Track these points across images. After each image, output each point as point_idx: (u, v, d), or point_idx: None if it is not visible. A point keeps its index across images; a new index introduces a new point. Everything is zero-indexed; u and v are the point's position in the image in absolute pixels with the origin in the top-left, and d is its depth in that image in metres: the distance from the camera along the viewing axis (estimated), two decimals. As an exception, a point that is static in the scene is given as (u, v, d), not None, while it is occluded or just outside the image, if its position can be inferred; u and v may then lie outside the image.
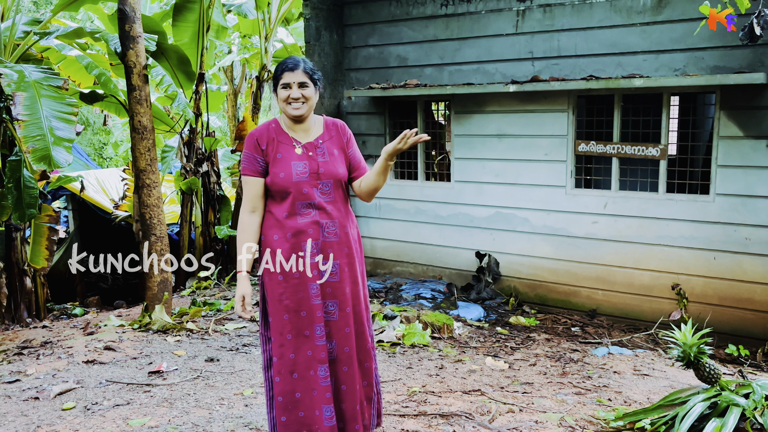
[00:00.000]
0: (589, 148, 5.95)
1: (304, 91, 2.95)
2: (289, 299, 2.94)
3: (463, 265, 6.81)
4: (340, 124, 3.14)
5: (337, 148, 3.06)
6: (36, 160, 5.03)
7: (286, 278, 2.95)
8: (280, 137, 3.01)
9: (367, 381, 3.06)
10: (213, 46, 10.09)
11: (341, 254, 3.00)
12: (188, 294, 7.18)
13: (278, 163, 2.96)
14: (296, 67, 2.96)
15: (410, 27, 6.90)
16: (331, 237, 2.98)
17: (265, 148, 2.99)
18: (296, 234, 2.94)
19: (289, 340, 2.92)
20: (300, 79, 2.95)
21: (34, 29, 6.53)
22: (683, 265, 5.64)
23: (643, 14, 5.63)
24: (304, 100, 2.95)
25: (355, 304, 3.04)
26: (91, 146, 19.92)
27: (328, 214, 2.98)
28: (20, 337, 5.81)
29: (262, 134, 3.02)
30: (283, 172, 2.93)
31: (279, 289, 2.96)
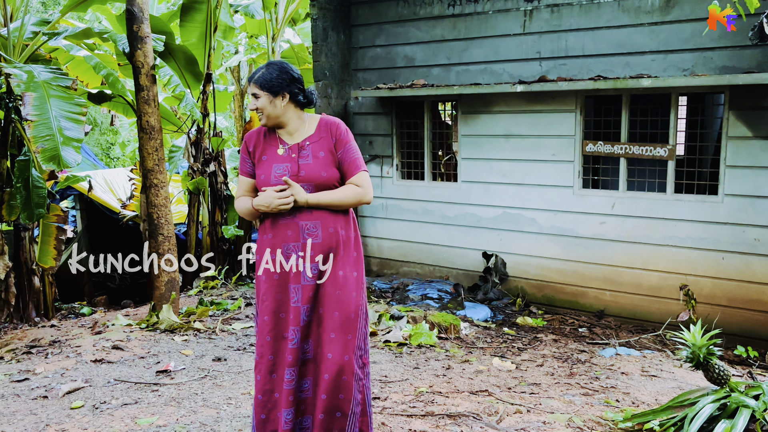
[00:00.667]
0: (596, 149, 5.94)
1: (257, 102, 2.95)
2: (270, 300, 2.94)
3: (470, 265, 6.81)
4: (333, 125, 3.04)
5: (325, 149, 2.98)
6: (45, 160, 5.05)
7: (267, 278, 2.95)
8: (269, 139, 3.03)
9: (344, 395, 2.88)
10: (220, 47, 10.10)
11: (325, 256, 2.93)
12: (195, 294, 7.20)
13: (262, 165, 2.99)
14: (251, 79, 2.98)
15: (417, 27, 6.90)
16: (313, 239, 2.92)
17: (252, 150, 3.04)
18: (276, 235, 2.93)
19: (269, 341, 2.92)
20: (253, 91, 2.96)
21: (42, 30, 6.56)
22: (691, 266, 5.62)
23: (652, 14, 5.61)
24: (260, 111, 2.96)
25: (332, 308, 2.90)
26: (99, 146, 19.99)
27: (309, 215, 2.92)
28: (29, 336, 5.83)
29: (252, 137, 3.08)
30: (264, 174, 2.95)
31: (261, 290, 2.98)
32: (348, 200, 2.98)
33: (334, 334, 2.89)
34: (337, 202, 2.96)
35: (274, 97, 2.95)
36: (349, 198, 2.99)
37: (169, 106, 9.44)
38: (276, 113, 2.97)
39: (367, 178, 3.04)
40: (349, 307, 2.93)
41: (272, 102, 2.96)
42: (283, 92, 2.97)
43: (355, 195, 3.00)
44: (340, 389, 2.87)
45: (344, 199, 2.98)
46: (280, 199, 2.88)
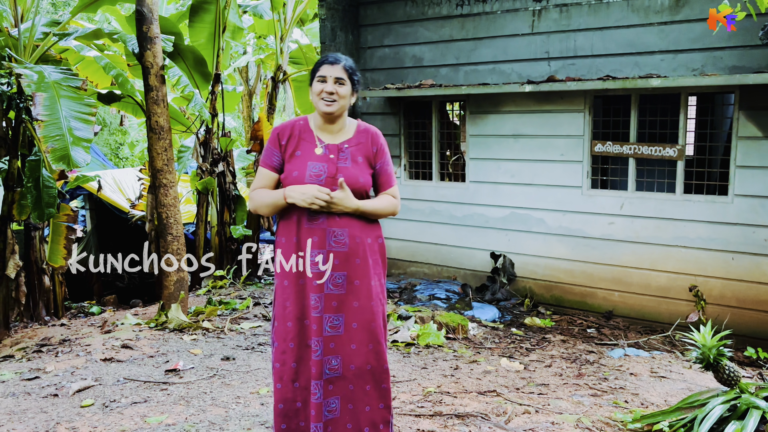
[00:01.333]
0: (605, 149, 5.92)
1: (340, 87, 2.80)
2: (294, 305, 2.81)
3: (478, 265, 6.80)
4: (373, 132, 2.96)
5: (363, 155, 2.89)
6: (55, 160, 5.08)
7: (291, 283, 2.81)
8: (304, 135, 2.88)
9: (384, 403, 2.86)
10: (229, 47, 10.14)
11: (350, 266, 2.81)
12: (204, 293, 7.22)
13: (295, 161, 2.83)
14: (336, 62, 2.83)
15: (426, 27, 6.89)
16: (339, 246, 2.80)
17: (285, 144, 2.87)
18: (300, 241, 2.80)
19: (292, 348, 2.79)
20: (337, 74, 2.80)
21: (53, 30, 6.60)
22: (701, 267, 5.59)
23: (661, 14, 5.59)
24: (337, 97, 2.79)
25: (368, 320, 2.82)
26: (108, 146, 20.10)
27: (339, 222, 2.80)
28: (39, 334, 5.87)
29: (285, 129, 2.90)
30: (297, 170, 2.80)
31: (284, 295, 2.84)
32: (386, 211, 2.94)
33: (371, 345, 2.82)
34: (379, 212, 2.90)
35: (353, 89, 2.87)
36: (387, 209, 2.94)
37: (178, 107, 9.49)
38: (345, 107, 2.87)
39: (398, 191, 3.03)
40: (376, 317, 2.85)
41: (353, 94, 2.89)
42: (357, 89, 2.92)
43: (392, 207, 2.96)
44: (381, 398, 2.86)
45: (384, 210, 2.93)
46: (320, 195, 2.71)
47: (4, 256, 6.31)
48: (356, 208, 2.80)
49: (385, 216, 2.94)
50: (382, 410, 2.86)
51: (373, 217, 2.89)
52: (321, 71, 2.82)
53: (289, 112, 21.82)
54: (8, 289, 6.38)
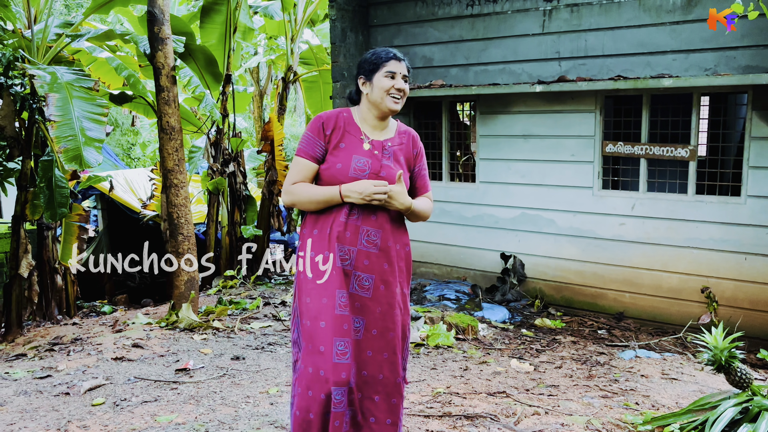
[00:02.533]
0: (616, 149, 5.89)
1: (406, 85, 2.74)
2: (313, 303, 2.65)
3: (488, 266, 6.78)
4: (414, 135, 2.89)
5: (404, 156, 2.82)
6: (68, 160, 5.12)
7: (315, 278, 2.67)
8: (348, 127, 2.75)
9: (391, 419, 2.70)
10: (239, 48, 10.18)
11: (378, 269, 2.69)
12: (214, 293, 7.25)
13: (340, 152, 2.70)
14: (403, 59, 2.74)
15: (436, 27, 6.89)
16: (370, 247, 2.69)
17: (329, 134, 2.73)
18: (332, 234, 2.67)
19: (310, 350, 2.63)
20: (405, 72, 2.73)
21: (65, 32, 6.65)
22: (713, 268, 5.55)
23: (673, 13, 5.55)
24: (404, 94, 2.73)
25: (387, 329, 2.70)
26: (120, 146, 20.23)
27: (374, 222, 2.69)
28: (51, 333, 5.92)
29: (330, 119, 2.76)
30: (341, 163, 2.68)
31: (308, 288, 2.68)
32: (427, 214, 2.87)
33: (386, 354, 2.69)
34: (423, 213, 2.83)
35: None
36: (428, 212, 2.88)
37: (189, 107, 9.53)
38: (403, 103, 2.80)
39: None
40: (396, 327, 2.73)
41: None
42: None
43: (430, 210, 2.89)
44: (390, 413, 2.71)
45: (426, 212, 2.86)
46: (378, 189, 2.60)
47: (17, 256, 6.37)
48: (409, 206, 2.72)
49: (424, 219, 2.88)
50: (389, 426, 2.71)
51: (418, 218, 2.82)
52: (390, 66, 2.70)
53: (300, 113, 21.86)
54: (21, 288, 6.44)
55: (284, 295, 6.94)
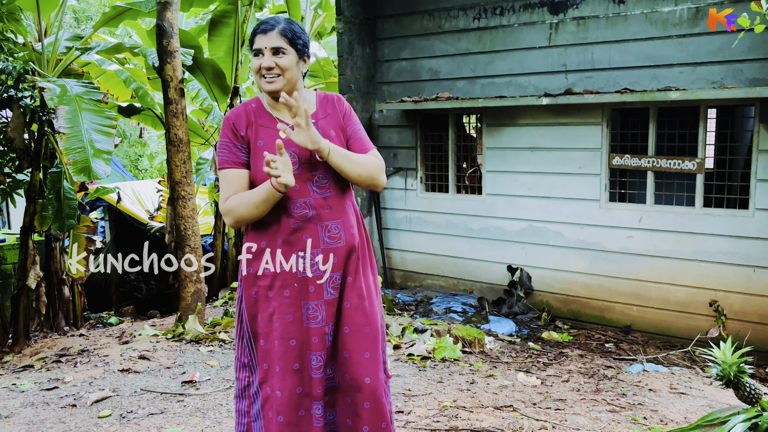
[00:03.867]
0: (623, 162, 5.88)
1: (279, 59, 2.30)
2: (279, 320, 2.36)
3: (495, 278, 6.76)
4: (337, 99, 2.51)
5: (334, 127, 2.44)
6: (76, 172, 5.15)
7: (277, 295, 2.37)
8: (260, 119, 2.38)
9: (385, 422, 2.43)
10: (247, 60, 10.24)
11: (348, 262, 2.41)
12: (221, 304, 7.26)
13: (259, 152, 2.33)
14: (270, 28, 2.31)
15: (442, 40, 6.92)
16: (335, 242, 2.38)
17: (245, 133, 2.36)
18: (288, 242, 2.35)
19: (278, 372, 2.35)
20: (274, 44, 2.30)
21: (75, 45, 6.72)
22: (721, 282, 5.52)
23: (680, 26, 5.56)
24: (279, 71, 2.31)
25: (360, 323, 2.42)
26: (128, 158, 20.34)
27: (329, 213, 2.37)
28: (58, 344, 5.93)
29: (240, 116, 2.39)
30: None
31: (269, 307, 2.38)
32: (366, 167, 2.37)
33: (368, 353, 2.42)
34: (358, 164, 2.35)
35: (299, 57, 2.36)
36: (368, 165, 2.38)
37: (197, 119, 9.60)
38: (295, 80, 2.36)
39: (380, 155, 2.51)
40: (376, 319, 2.47)
41: (301, 62, 2.38)
42: (306, 55, 2.41)
43: (374, 164, 2.41)
44: (380, 416, 2.43)
45: (362, 163, 2.36)
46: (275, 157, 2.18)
47: (26, 267, 6.40)
48: (328, 147, 2.27)
49: (365, 174, 2.38)
50: (384, 430, 2.45)
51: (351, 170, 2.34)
52: (255, 43, 2.33)
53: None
54: (29, 299, 6.46)
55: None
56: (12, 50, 6.10)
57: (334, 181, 2.40)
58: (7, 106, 6.23)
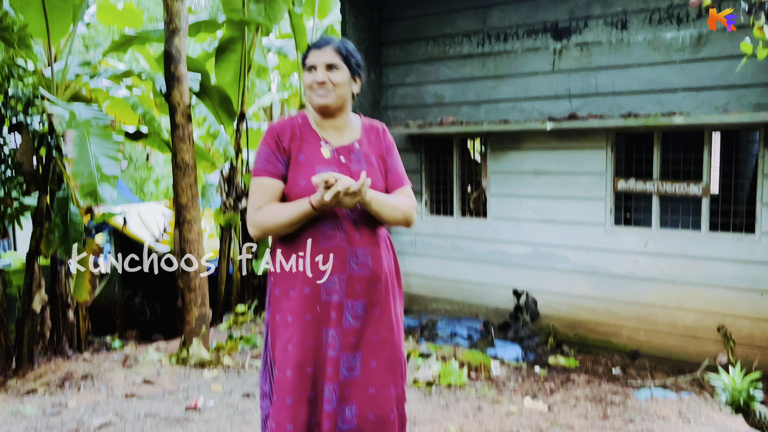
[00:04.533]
0: (628, 186, 5.88)
1: (333, 74, 2.34)
2: (296, 347, 2.27)
3: (500, 302, 6.73)
4: (381, 127, 2.53)
5: (376, 155, 2.44)
6: (83, 196, 5.19)
7: (296, 319, 2.30)
8: (306, 135, 2.38)
9: None
10: (254, 86, 10.34)
11: (372, 292, 2.34)
12: (225, 329, 7.23)
13: (300, 167, 2.32)
14: (325, 44, 2.36)
15: (447, 66, 6.98)
16: (361, 269, 2.32)
17: (287, 146, 2.34)
18: (315, 264, 2.30)
19: (289, 405, 2.26)
20: (328, 59, 2.34)
21: (84, 71, 6.80)
22: (729, 306, 5.48)
23: (683, 52, 5.60)
24: (331, 86, 2.33)
25: (389, 358, 2.36)
26: (134, 182, 20.44)
27: (359, 238, 2.32)
28: (62, 369, 5.91)
29: (285, 128, 2.37)
30: (304, 179, 2.30)
31: (287, 333, 2.30)
32: (402, 208, 2.37)
33: (393, 388, 2.37)
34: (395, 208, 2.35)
35: (352, 76, 2.41)
36: (403, 208, 2.37)
37: (204, 144, 9.66)
38: (345, 96, 2.40)
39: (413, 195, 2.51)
40: (399, 352, 2.40)
41: (354, 81, 2.42)
42: (359, 74, 2.44)
43: (409, 207, 2.40)
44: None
45: (400, 207, 2.36)
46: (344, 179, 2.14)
47: (31, 291, 6.41)
48: (371, 199, 2.26)
49: (399, 219, 2.38)
50: None
51: (390, 214, 2.33)
52: (309, 59, 2.36)
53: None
54: (33, 323, 6.46)
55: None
56: (22, 76, 6.18)
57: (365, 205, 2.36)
58: (16, 131, 6.30)
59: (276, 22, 8.31)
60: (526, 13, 6.39)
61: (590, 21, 6.03)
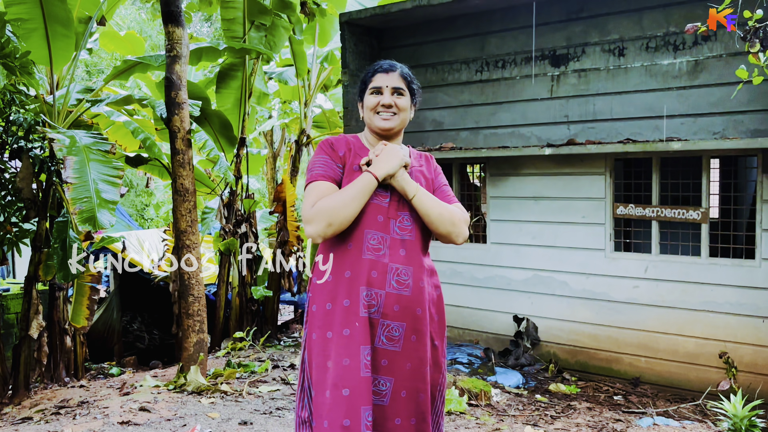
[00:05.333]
0: (627, 211, 5.88)
1: (399, 99, 2.40)
2: (335, 367, 2.17)
3: (501, 329, 6.69)
4: (429, 155, 2.59)
5: (426, 179, 2.47)
6: (81, 222, 5.18)
7: (336, 335, 2.20)
8: (359, 150, 2.42)
9: None
10: (254, 112, 10.42)
11: (410, 315, 2.25)
12: (223, 355, 7.18)
13: (354, 175, 2.32)
14: (392, 69, 2.42)
15: (446, 92, 7.03)
16: (401, 288, 2.25)
17: (343, 155, 2.37)
18: (357, 275, 2.23)
19: (326, 429, 2.16)
20: (395, 84, 2.39)
21: (86, 97, 6.85)
22: (730, 333, 5.44)
23: (680, 78, 5.64)
24: (396, 110, 2.39)
25: (417, 389, 2.26)
26: (134, 207, 20.48)
27: (403, 257, 2.27)
28: (58, 396, 5.85)
29: (340, 141, 2.43)
30: None
31: (326, 351, 2.21)
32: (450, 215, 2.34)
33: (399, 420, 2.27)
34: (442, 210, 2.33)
35: (412, 102, 2.48)
36: (452, 214, 2.35)
37: (204, 169, 9.69)
38: (406, 121, 2.47)
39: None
40: (427, 387, 2.31)
41: (412, 108, 2.49)
42: (416, 101, 2.52)
43: (458, 214, 2.38)
44: None
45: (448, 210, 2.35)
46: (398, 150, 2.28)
47: (28, 317, 6.37)
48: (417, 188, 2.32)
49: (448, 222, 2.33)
50: None
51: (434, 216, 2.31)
52: (375, 81, 2.41)
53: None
54: (30, 349, 6.41)
55: (293, 358, 6.85)
56: (23, 102, 6.22)
57: (417, 228, 2.34)
58: (17, 157, 6.32)
59: (277, 51, 8.41)
60: (524, 40, 6.46)
61: (587, 48, 6.09)
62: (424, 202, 2.33)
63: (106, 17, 7.50)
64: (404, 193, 2.32)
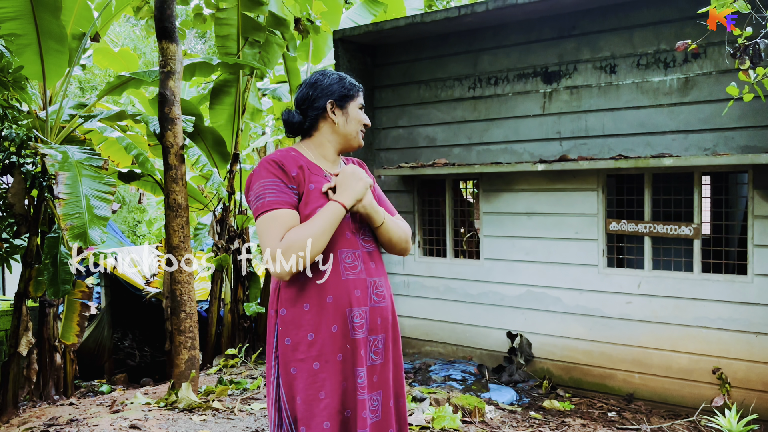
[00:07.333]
0: (620, 227, 5.90)
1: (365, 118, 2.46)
2: (332, 395, 2.10)
3: (494, 345, 6.67)
4: (363, 164, 2.51)
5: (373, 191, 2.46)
6: (72, 237, 5.15)
7: (329, 361, 2.11)
8: (313, 168, 2.26)
9: None
10: (248, 128, 10.42)
11: (388, 325, 2.25)
12: (215, 372, 7.12)
13: (312, 196, 2.17)
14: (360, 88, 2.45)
15: (438, 109, 7.07)
16: (380, 301, 2.24)
17: (296, 175, 2.19)
18: (339, 298, 2.14)
19: None
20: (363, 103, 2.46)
21: (79, 113, 6.85)
22: (723, 348, 5.44)
23: (670, 95, 5.69)
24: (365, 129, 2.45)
25: (399, 395, 2.31)
26: (126, 224, 20.39)
27: (374, 268, 2.24)
28: (47, 414, 5.78)
29: (287, 158, 2.21)
30: (320, 208, 2.16)
31: (316, 382, 2.11)
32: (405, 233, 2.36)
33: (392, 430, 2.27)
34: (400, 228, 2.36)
35: None
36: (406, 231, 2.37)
37: (197, 185, 9.67)
38: None
39: None
40: (404, 391, 2.35)
41: None
42: None
43: (408, 231, 2.40)
44: None
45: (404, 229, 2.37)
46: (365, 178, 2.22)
47: (18, 333, 6.31)
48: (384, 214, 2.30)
49: (404, 240, 2.35)
50: None
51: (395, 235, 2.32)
52: (360, 98, 2.41)
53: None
54: (19, 366, 6.33)
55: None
56: (16, 118, 6.21)
57: (373, 238, 2.32)
58: (8, 173, 6.29)
59: (271, 67, 8.44)
60: (516, 57, 6.51)
61: (579, 65, 6.15)
62: (390, 228, 2.31)
63: (100, 34, 7.51)
64: (371, 221, 2.26)
